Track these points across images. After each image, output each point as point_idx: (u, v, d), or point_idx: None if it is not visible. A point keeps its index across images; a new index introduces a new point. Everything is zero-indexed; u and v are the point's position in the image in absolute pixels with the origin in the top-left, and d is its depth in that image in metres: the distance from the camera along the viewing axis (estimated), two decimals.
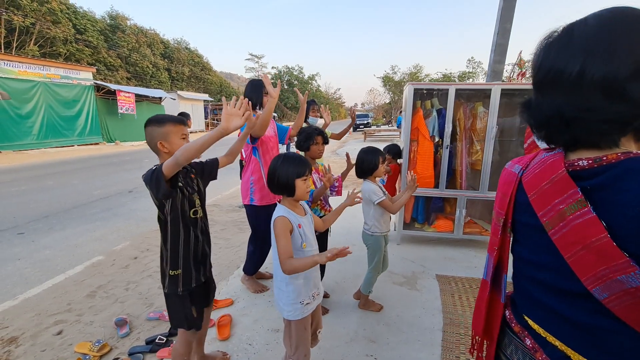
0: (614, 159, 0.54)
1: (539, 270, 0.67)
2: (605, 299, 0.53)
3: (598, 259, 0.52)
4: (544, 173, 0.63)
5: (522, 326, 0.72)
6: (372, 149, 2.33)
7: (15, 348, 2.14)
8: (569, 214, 0.57)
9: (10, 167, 9.29)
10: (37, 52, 19.85)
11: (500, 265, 0.79)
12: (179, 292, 1.53)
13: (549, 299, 0.65)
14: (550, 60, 0.59)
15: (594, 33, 0.55)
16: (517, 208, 0.71)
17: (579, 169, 0.58)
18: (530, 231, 0.68)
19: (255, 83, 2.59)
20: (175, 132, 1.47)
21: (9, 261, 3.44)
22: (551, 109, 0.60)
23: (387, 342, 2.13)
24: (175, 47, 34.76)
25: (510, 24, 4.44)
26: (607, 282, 0.52)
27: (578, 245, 0.55)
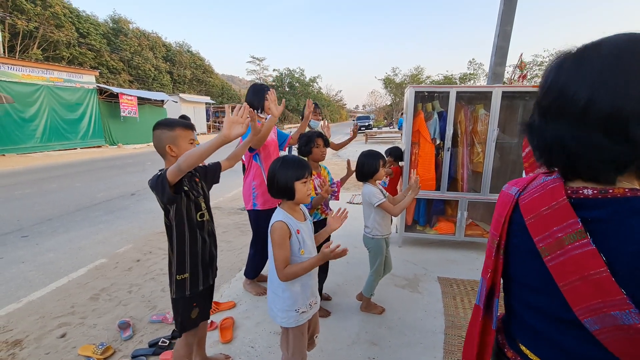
0: (620, 194, 0.53)
1: (531, 294, 0.67)
2: (596, 330, 0.53)
3: (594, 292, 0.52)
4: (544, 198, 0.61)
5: (515, 351, 0.71)
6: (373, 153, 2.34)
7: (19, 351, 2.16)
8: (567, 243, 0.56)
9: (14, 170, 9.35)
10: (40, 55, 20.00)
11: (493, 290, 0.76)
12: (187, 295, 1.55)
13: (541, 324, 0.65)
14: (560, 86, 0.57)
15: (607, 64, 0.53)
16: (513, 231, 0.70)
17: (582, 197, 0.57)
18: (524, 255, 0.67)
19: (256, 87, 2.61)
20: (184, 137, 1.50)
21: (13, 264, 3.46)
22: (553, 138, 0.59)
23: (389, 345, 2.14)
24: (177, 50, 34.93)
25: (511, 26, 4.46)
26: (600, 315, 0.52)
27: (575, 275, 0.54)
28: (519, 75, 4.40)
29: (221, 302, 2.59)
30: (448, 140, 3.39)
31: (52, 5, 20.74)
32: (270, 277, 1.53)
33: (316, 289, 1.60)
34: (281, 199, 1.51)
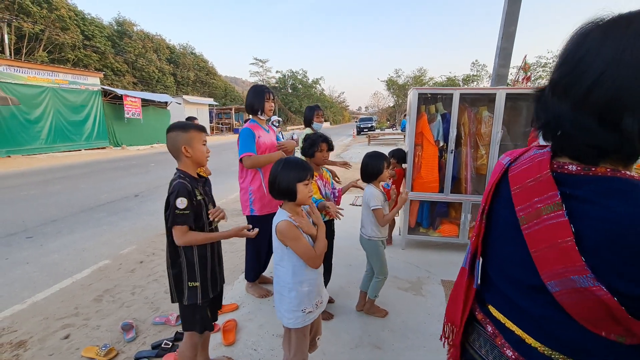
0: (601, 173, 0.57)
1: (505, 262, 0.72)
2: (556, 292, 0.58)
3: (559, 257, 0.57)
4: (531, 170, 0.65)
5: (485, 314, 0.78)
6: (377, 154, 2.34)
7: (23, 352, 2.17)
8: (544, 213, 0.60)
9: (20, 172, 9.44)
10: (46, 58, 20.20)
11: (476, 252, 0.81)
12: (199, 303, 1.58)
13: (510, 290, 0.71)
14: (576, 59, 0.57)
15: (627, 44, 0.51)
16: (498, 200, 0.74)
17: (566, 172, 0.60)
18: (504, 224, 0.71)
19: (257, 89, 2.60)
20: (198, 138, 1.57)
21: (18, 265, 3.49)
22: (553, 114, 0.61)
23: (392, 348, 2.12)
24: (181, 52, 35.14)
25: (515, 27, 4.44)
26: (561, 278, 0.57)
27: (546, 243, 0.60)
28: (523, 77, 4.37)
29: (224, 304, 2.59)
30: (451, 142, 3.37)
31: (58, 8, 20.94)
32: (276, 278, 1.53)
33: (322, 288, 1.60)
34: (283, 201, 1.51)
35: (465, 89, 3.35)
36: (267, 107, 2.57)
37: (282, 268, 1.50)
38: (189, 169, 1.59)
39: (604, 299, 0.53)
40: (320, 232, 1.50)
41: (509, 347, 0.70)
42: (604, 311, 0.54)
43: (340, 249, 3.55)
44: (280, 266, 1.50)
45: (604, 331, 0.57)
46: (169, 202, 1.51)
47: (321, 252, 1.46)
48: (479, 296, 0.82)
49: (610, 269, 0.53)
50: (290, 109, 45.68)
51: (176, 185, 1.49)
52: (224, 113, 32.96)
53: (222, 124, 31.79)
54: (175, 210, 1.46)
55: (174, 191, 1.48)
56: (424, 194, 3.56)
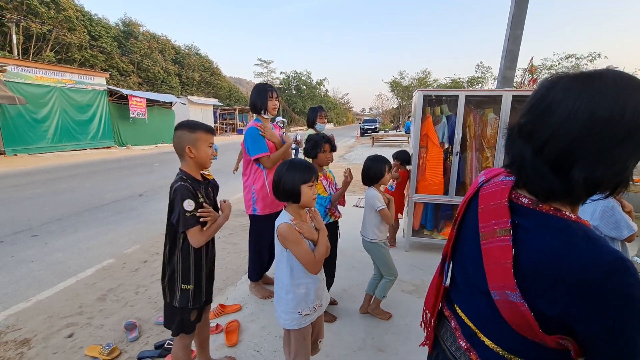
0: (546, 210, 0.67)
1: (467, 267, 0.83)
2: (496, 300, 0.69)
3: (500, 274, 0.68)
4: (495, 195, 0.75)
5: (451, 311, 0.90)
6: (379, 157, 2.35)
7: (27, 350, 2.18)
8: (497, 235, 0.71)
9: (26, 170, 9.52)
10: (53, 58, 20.41)
11: (447, 255, 0.95)
12: (189, 306, 1.56)
13: (468, 291, 0.83)
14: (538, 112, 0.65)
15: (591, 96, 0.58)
16: (469, 213, 0.84)
17: (519, 203, 0.71)
18: (470, 235, 0.81)
19: (259, 88, 2.60)
20: (204, 140, 1.54)
21: (23, 263, 3.51)
22: (518, 154, 0.69)
23: (396, 351, 2.11)
24: (186, 53, 35.34)
25: (521, 30, 4.41)
26: (500, 290, 0.68)
27: (494, 260, 0.70)
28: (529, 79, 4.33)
29: (227, 305, 2.59)
30: (457, 145, 3.35)
31: (66, 8, 21.17)
32: (277, 279, 1.53)
33: (322, 291, 1.58)
34: (286, 202, 1.50)
35: (471, 90, 3.33)
36: (271, 105, 2.57)
37: (281, 269, 1.49)
38: (192, 170, 1.56)
39: (525, 313, 0.64)
40: (321, 236, 1.48)
41: (463, 339, 0.82)
42: (525, 322, 0.65)
43: (343, 251, 3.54)
44: (280, 267, 1.50)
45: (529, 335, 0.67)
46: (172, 206, 1.48)
47: (321, 258, 1.44)
48: (448, 295, 0.95)
49: (535, 291, 0.63)
50: (294, 110, 45.74)
51: (178, 188, 1.46)
52: (228, 113, 33.07)
53: (227, 125, 31.89)
54: (186, 214, 1.44)
55: (177, 195, 1.45)
56: (429, 196, 3.54)
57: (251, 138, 2.47)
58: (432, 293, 0.98)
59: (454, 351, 0.85)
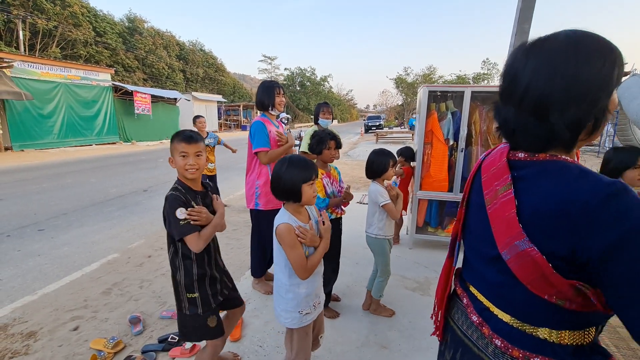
0: (542, 158, 0.70)
1: (475, 239, 0.84)
2: (508, 259, 0.69)
3: (507, 227, 0.69)
4: (494, 161, 0.79)
5: (462, 288, 0.89)
6: (384, 151, 2.31)
7: (33, 342, 2.20)
8: (499, 193, 0.73)
9: (32, 165, 9.62)
10: (59, 54, 20.54)
11: (457, 236, 0.95)
12: (199, 312, 1.52)
13: (478, 263, 0.83)
14: (510, 75, 0.71)
15: (545, 57, 0.66)
16: (473, 188, 0.86)
17: (516, 158, 0.74)
18: (476, 208, 0.83)
19: (266, 85, 2.60)
20: (177, 150, 1.47)
21: (30, 257, 3.55)
22: (504, 119, 0.75)
23: (399, 348, 2.10)
24: (191, 49, 35.37)
25: (529, 24, 4.31)
26: (510, 246, 0.68)
27: (500, 217, 0.71)
28: None
29: None
30: (462, 141, 3.32)
31: (71, 4, 21.26)
32: (276, 277, 1.50)
33: (320, 289, 1.56)
34: (286, 201, 1.46)
35: (477, 86, 3.27)
36: (277, 101, 2.57)
37: (280, 269, 1.46)
38: (185, 180, 1.51)
39: (536, 258, 0.64)
40: (322, 244, 1.44)
41: (475, 314, 0.81)
42: (538, 271, 0.64)
43: (347, 247, 3.53)
44: (279, 267, 1.46)
45: (546, 294, 0.66)
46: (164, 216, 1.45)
47: (312, 266, 1.40)
48: (461, 276, 0.94)
49: (541, 233, 0.64)
50: (298, 107, 45.66)
51: (168, 197, 1.44)
52: (232, 110, 33.13)
53: (231, 121, 31.95)
54: (179, 222, 1.40)
55: (166, 204, 1.43)
56: (433, 193, 3.51)
57: (255, 131, 2.48)
58: (442, 280, 0.97)
59: (465, 329, 0.84)
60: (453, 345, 0.90)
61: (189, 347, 2.05)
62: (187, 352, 2.03)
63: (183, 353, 2.03)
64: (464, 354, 0.84)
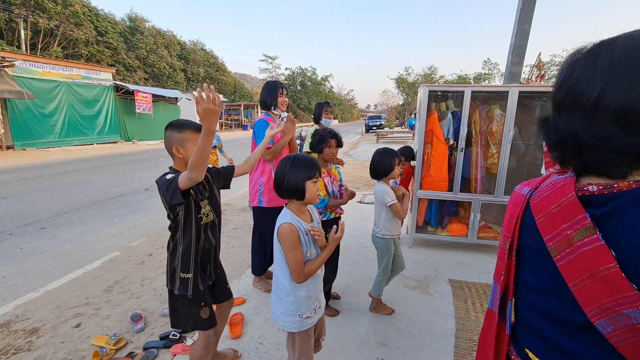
0: (626, 187, 0.53)
1: (541, 298, 0.65)
2: (609, 333, 0.51)
3: (605, 289, 0.50)
4: (554, 196, 0.61)
5: (522, 358, 0.70)
6: (388, 151, 2.31)
7: (36, 339, 2.22)
8: (576, 240, 0.54)
9: (34, 164, 9.65)
10: (60, 53, 20.58)
11: (506, 293, 0.75)
12: (189, 295, 1.54)
13: (550, 330, 0.63)
14: (573, 80, 0.57)
15: (619, 57, 0.52)
16: (524, 231, 0.69)
17: (588, 194, 0.56)
18: (535, 255, 0.66)
19: (270, 85, 2.63)
20: (192, 140, 1.47)
21: (32, 254, 3.57)
22: (566, 132, 0.58)
23: (398, 346, 2.11)
24: (192, 49, 35.41)
25: (529, 25, 4.35)
26: (612, 315, 0.50)
27: (585, 273, 0.53)
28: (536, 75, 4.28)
29: None
30: (462, 141, 3.33)
31: (72, 4, 21.30)
32: (275, 279, 1.48)
33: (321, 292, 1.55)
34: (289, 200, 1.45)
35: (477, 86, 3.28)
36: (280, 101, 2.61)
37: (281, 270, 1.43)
38: (182, 169, 1.48)
39: None
40: (325, 251, 1.43)
41: None
42: None
43: (347, 246, 3.55)
44: (280, 268, 1.44)
45: None
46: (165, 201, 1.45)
47: (310, 272, 1.38)
48: (515, 337, 0.75)
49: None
50: (298, 106, 45.67)
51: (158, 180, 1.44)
52: (233, 109, 33.16)
53: (231, 121, 31.97)
54: (170, 183, 1.36)
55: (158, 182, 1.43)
56: (433, 193, 3.53)
57: (258, 129, 2.52)
58: (488, 350, 0.77)
59: None
60: None
61: (190, 344, 2.07)
62: (188, 349, 2.04)
63: (184, 350, 2.05)
64: None
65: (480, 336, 0.81)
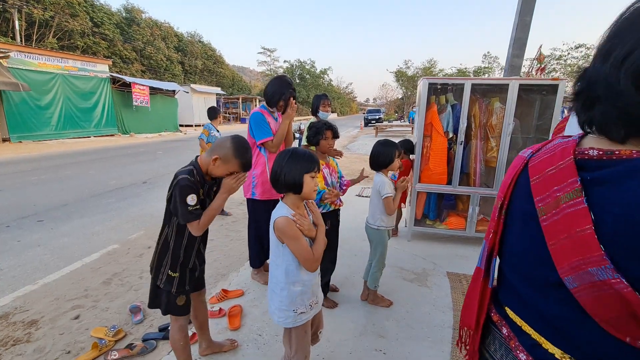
0: (626, 155, 0.53)
1: (521, 258, 0.69)
2: (574, 288, 0.55)
3: (577, 248, 0.54)
4: (553, 159, 0.62)
5: (501, 316, 0.75)
6: (389, 142, 2.32)
7: (35, 330, 2.23)
8: (563, 202, 0.57)
9: (31, 157, 9.59)
10: (55, 44, 20.28)
11: (493, 250, 0.78)
12: (173, 292, 1.59)
13: (526, 288, 0.67)
14: (614, 32, 0.56)
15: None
16: (516, 191, 0.71)
17: (587, 157, 0.57)
18: (521, 217, 0.68)
19: (284, 82, 2.58)
20: (231, 167, 1.54)
21: (30, 247, 3.56)
22: (591, 80, 0.58)
23: (396, 337, 2.13)
24: (189, 41, 34.97)
25: (531, 17, 4.30)
26: (579, 272, 0.53)
27: (564, 233, 0.56)
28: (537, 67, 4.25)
29: (230, 290, 2.62)
30: (461, 134, 3.32)
31: None
32: (271, 274, 1.47)
33: (318, 288, 1.53)
34: (286, 194, 1.43)
35: (477, 79, 3.24)
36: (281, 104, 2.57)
37: (276, 265, 1.42)
38: (204, 167, 1.55)
39: (624, 294, 0.48)
40: (319, 233, 1.42)
41: (523, 351, 0.66)
42: (624, 309, 0.49)
43: (346, 239, 3.56)
44: (275, 263, 1.43)
45: (628, 336, 0.52)
46: (172, 194, 1.48)
47: (319, 255, 1.38)
48: (495, 297, 0.79)
49: (632, 259, 0.49)
50: (297, 100, 45.33)
51: (180, 181, 1.46)
52: (231, 102, 32.90)
53: (230, 114, 31.76)
54: (188, 208, 1.46)
55: (177, 188, 1.45)
56: (432, 186, 3.52)
57: (255, 123, 2.48)
58: (473, 303, 0.81)
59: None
60: None
61: (190, 335, 2.07)
62: None
63: None
64: None
65: (467, 292, 0.84)
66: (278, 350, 2.00)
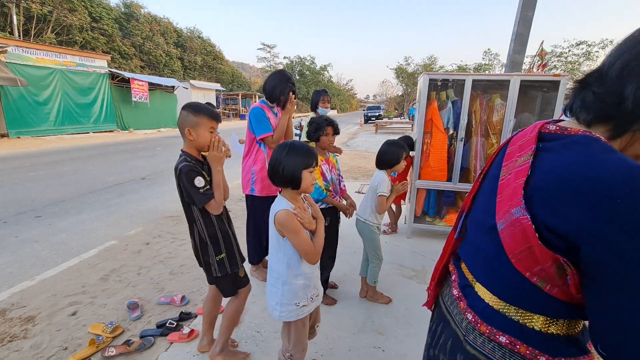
0: (574, 132, 0.63)
1: (478, 210, 0.81)
2: (502, 230, 0.66)
3: (510, 195, 0.65)
4: (526, 133, 0.73)
5: (455, 265, 0.87)
6: (398, 143, 2.32)
7: (32, 327, 2.21)
8: (517, 163, 0.67)
9: (29, 152, 9.55)
10: (54, 39, 20.14)
11: (465, 208, 0.89)
12: (229, 272, 1.66)
13: (475, 234, 0.80)
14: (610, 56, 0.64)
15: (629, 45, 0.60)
16: (495, 160, 0.81)
17: (547, 131, 0.68)
18: (490, 180, 0.79)
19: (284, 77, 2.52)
20: (205, 125, 1.55)
21: (27, 243, 3.54)
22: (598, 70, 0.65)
23: (395, 334, 2.12)
24: (188, 36, 34.76)
25: (533, 12, 4.26)
26: (506, 214, 0.64)
27: (510, 187, 0.66)
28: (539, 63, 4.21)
29: None
30: (462, 130, 3.29)
31: None
32: (270, 269, 1.46)
33: (318, 280, 1.53)
34: (284, 188, 1.42)
35: (478, 75, 3.21)
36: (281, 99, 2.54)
37: (277, 259, 1.42)
38: (192, 152, 1.59)
39: (525, 227, 0.60)
40: (319, 225, 1.42)
41: (456, 288, 0.80)
42: (525, 242, 0.60)
43: (345, 236, 3.53)
44: (275, 257, 1.42)
45: (528, 271, 0.62)
46: (181, 186, 1.53)
47: (320, 248, 1.38)
48: (456, 252, 0.91)
49: (544, 206, 0.59)
50: (297, 96, 45.19)
51: (182, 168, 1.51)
52: (230, 99, 32.79)
53: (229, 110, 31.66)
54: (199, 190, 1.51)
55: (182, 176, 1.50)
56: (432, 183, 3.50)
57: (255, 118, 2.45)
58: (443, 253, 0.95)
59: (448, 304, 0.84)
60: (437, 320, 0.90)
61: (187, 332, 2.07)
62: (185, 337, 2.04)
63: (181, 338, 2.04)
64: (444, 328, 0.84)
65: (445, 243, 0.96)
66: (277, 347, 1.98)
